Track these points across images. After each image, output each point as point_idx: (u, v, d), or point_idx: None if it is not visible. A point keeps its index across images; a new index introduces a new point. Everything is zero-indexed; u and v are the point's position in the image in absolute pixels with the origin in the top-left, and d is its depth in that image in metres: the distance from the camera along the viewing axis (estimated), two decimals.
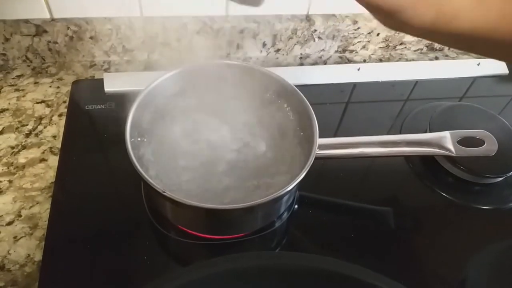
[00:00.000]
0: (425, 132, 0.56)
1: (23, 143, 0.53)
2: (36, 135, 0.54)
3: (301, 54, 0.71)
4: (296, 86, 0.48)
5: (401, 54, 0.75)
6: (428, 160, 0.55)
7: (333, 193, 0.52)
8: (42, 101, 0.58)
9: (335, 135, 0.58)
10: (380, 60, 0.73)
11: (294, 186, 0.40)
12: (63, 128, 0.53)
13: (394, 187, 0.54)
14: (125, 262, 0.43)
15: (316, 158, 0.42)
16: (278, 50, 0.70)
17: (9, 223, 0.46)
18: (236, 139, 0.46)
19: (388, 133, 0.59)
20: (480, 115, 0.59)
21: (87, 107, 0.56)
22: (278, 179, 0.44)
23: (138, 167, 0.39)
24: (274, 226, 0.48)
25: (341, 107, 0.63)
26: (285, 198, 0.45)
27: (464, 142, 0.48)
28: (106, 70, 0.64)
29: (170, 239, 0.45)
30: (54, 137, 0.54)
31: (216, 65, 0.50)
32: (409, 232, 0.49)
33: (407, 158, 0.55)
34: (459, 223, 0.51)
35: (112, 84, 0.58)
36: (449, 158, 0.53)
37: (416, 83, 0.67)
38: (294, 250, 0.47)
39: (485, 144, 0.48)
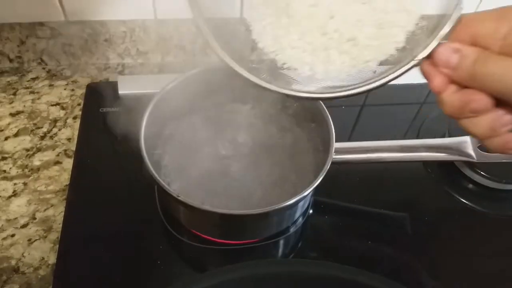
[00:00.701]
0: (444, 136, 0.55)
1: (38, 146, 0.53)
2: (51, 137, 0.54)
3: None
4: None
5: None
6: (446, 165, 0.54)
7: (349, 198, 0.51)
8: (57, 104, 0.58)
9: (350, 139, 0.57)
10: None
11: (310, 192, 0.39)
12: (77, 131, 0.54)
13: (411, 192, 0.53)
14: (138, 266, 0.43)
15: (332, 163, 0.41)
16: None
17: (24, 226, 0.46)
18: (251, 142, 0.46)
19: (404, 137, 0.58)
20: None
21: (102, 109, 0.56)
22: (293, 184, 0.43)
23: (153, 171, 0.38)
24: (289, 232, 0.47)
25: (357, 110, 0.62)
26: (301, 203, 0.45)
27: (484, 147, 0.47)
28: (120, 73, 0.64)
29: (183, 243, 0.45)
30: (69, 139, 0.54)
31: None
32: (426, 239, 0.48)
33: (425, 162, 0.54)
34: (479, 231, 0.49)
35: (126, 86, 0.58)
36: (468, 163, 0.51)
37: None
38: (308, 256, 0.47)
39: None
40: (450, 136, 0.54)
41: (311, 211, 0.49)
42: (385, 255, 0.46)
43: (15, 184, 0.49)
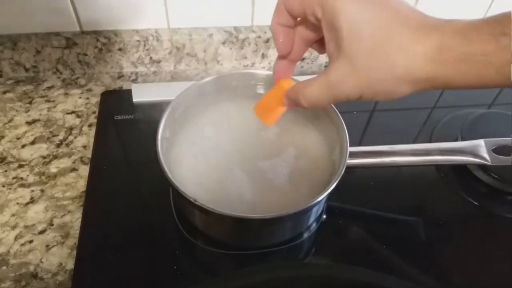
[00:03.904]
0: (456, 140, 0.55)
1: (54, 153, 0.54)
2: (67, 145, 0.55)
3: (326, 62, 0.71)
4: None
5: None
6: (459, 169, 0.54)
7: (362, 203, 0.51)
8: (72, 112, 0.59)
9: (361, 143, 0.57)
10: None
11: (325, 196, 0.39)
12: (93, 138, 0.54)
13: (425, 196, 0.53)
14: (155, 271, 0.43)
15: (346, 167, 0.41)
16: (303, 59, 0.70)
17: (41, 232, 0.46)
18: (264, 148, 0.46)
19: (415, 142, 0.58)
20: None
21: (116, 117, 0.56)
22: (308, 189, 0.43)
23: (170, 176, 0.39)
24: (303, 237, 0.47)
25: (367, 115, 0.62)
26: (315, 208, 0.45)
27: (499, 150, 0.47)
28: (133, 81, 0.64)
29: (199, 248, 0.45)
30: (84, 147, 0.55)
31: (242, 74, 0.50)
32: (440, 243, 0.48)
33: (438, 166, 0.54)
34: (493, 235, 0.49)
35: (140, 94, 0.59)
36: (482, 167, 0.51)
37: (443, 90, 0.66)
38: (322, 261, 0.47)
39: None
40: (462, 140, 0.54)
41: (324, 216, 0.49)
42: (399, 259, 0.46)
43: (32, 191, 0.50)
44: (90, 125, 0.57)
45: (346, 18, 0.29)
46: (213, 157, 0.46)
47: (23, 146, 0.54)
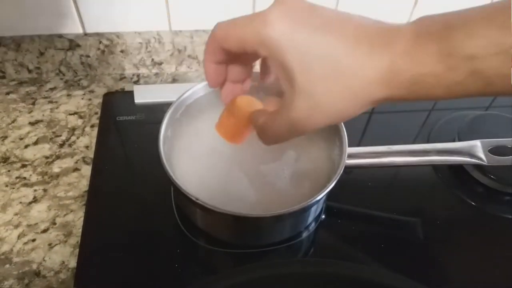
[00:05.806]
0: (453, 141, 0.56)
1: (57, 153, 0.54)
2: (70, 145, 0.56)
3: None
4: None
5: None
6: (457, 170, 0.55)
7: (361, 202, 0.51)
8: (75, 113, 0.60)
9: (360, 144, 0.58)
10: None
11: (324, 195, 0.40)
12: (95, 139, 0.55)
13: (423, 197, 0.53)
14: (157, 269, 0.44)
15: (345, 167, 0.42)
16: None
17: (44, 231, 0.47)
18: (264, 149, 0.47)
19: (413, 143, 0.59)
20: (509, 125, 0.58)
21: (118, 118, 0.57)
22: (307, 189, 0.44)
23: (172, 175, 0.39)
24: (301, 237, 0.48)
25: (366, 116, 0.63)
26: (314, 208, 0.45)
27: (495, 151, 0.47)
28: (135, 83, 0.65)
29: (200, 247, 0.46)
30: (87, 147, 0.55)
31: None
32: (438, 243, 0.49)
33: (436, 167, 0.55)
34: (491, 234, 0.50)
35: (142, 96, 0.59)
36: (479, 167, 0.52)
37: None
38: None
39: None
40: (459, 141, 0.54)
41: (323, 216, 0.49)
42: (397, 259, 0.47)
43: (35, 190, 0.50)
44: (92, 126, 0.58)
45: (294, 56, 0.28)
46: (214, 157, 0.47)
47: (26, 146, 0.55)
